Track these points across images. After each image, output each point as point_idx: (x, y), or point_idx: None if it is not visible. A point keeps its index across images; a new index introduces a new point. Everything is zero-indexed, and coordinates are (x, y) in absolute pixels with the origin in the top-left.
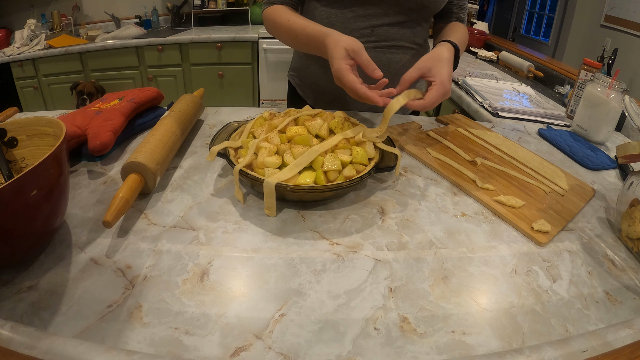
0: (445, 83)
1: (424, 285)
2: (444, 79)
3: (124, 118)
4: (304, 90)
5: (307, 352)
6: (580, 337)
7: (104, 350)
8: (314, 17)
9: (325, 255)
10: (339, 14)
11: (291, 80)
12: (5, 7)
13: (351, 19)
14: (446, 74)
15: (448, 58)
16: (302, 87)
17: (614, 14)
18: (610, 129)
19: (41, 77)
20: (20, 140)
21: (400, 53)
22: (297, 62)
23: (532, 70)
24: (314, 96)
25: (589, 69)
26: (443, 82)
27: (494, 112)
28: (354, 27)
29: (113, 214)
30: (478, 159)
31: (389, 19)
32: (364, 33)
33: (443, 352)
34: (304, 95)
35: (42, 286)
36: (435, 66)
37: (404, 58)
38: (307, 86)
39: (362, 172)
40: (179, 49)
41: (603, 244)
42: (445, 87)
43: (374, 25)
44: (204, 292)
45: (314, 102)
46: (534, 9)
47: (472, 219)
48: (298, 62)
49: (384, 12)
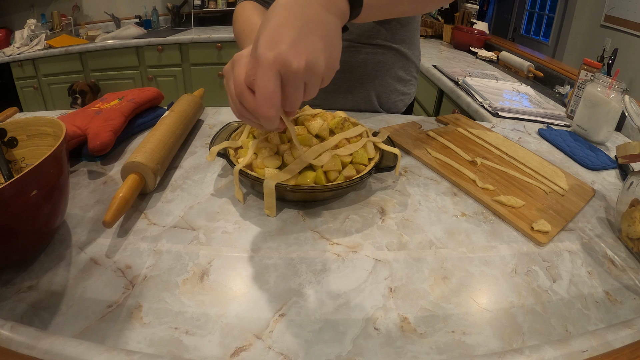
0: (259, 56)
1: (424, 285)
2: (259, 49)
3: (124, 118)
4: None
5: (307, 352)
6: (580, 337)
7: (104, 350)
8: None
9: (325, 255)
10: None
11: None
12: (5, 7)
13: None
14: (263, 37)
15: (279, 2)
16: None
17: (614, 14)
18: (610, 129)
19: (41, 77)
20: (20, 140)
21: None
22: None
23: (532, 70)
24: None
25: (589, 69)
26: (257, 58)
27: (494, 112)
28: None
29: (113, 214)
30: (478, 159)
31: None
32: None
33: (443, 352)
34: None
35: (42, 286)
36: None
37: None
38: None
39: (362, 172)
40: (179, 49)
41: (603, 244)
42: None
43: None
44: (204, 292)
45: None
46: (534, 9)
47: (472, 219)
48: None
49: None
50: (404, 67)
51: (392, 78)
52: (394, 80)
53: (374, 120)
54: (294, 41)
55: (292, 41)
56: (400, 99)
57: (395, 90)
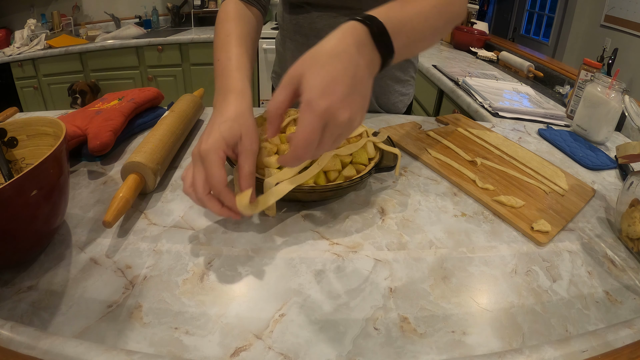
0: (313, 102)
1: (424, 285)
2: (312, 95)
3: (124, 118)
4: None
5: (307, 352)
6: (580, 337)
7: (104, 350)
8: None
9: (325, 255)
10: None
11: (273, 83)
12: (5, 7)
13: (317, 18)
14: (318, 84)
15: (330, 52)
16: None
17: (614, 14)
18: (610, 129)
19: (41, 77)
20: (20, 140)
21: None
22: (278, 64)
23: (532, 70)
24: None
25: (589, 69)
26: (310, 103)
27: (494, 112)
28: (320, 27)
29: (113, 214)
30: (478, 159)
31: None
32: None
33: (443, 352)
34: None
35: (42, 286)
36: (307, 73)
37: None
38: None
39: (362, 172)
40: (179, 49)
41: (603, 244)
42: (314, 109)
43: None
44: (204, 292)
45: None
46: (534, 9)
47: (472, 219)
48: (279, 63)
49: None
50: (401, 68)
51: (390, 79)
52: (392, 81)
53: (374, 120)
54: (345, 97)
55: (343, 97)
56: (399, 100)
57: (394, 91)
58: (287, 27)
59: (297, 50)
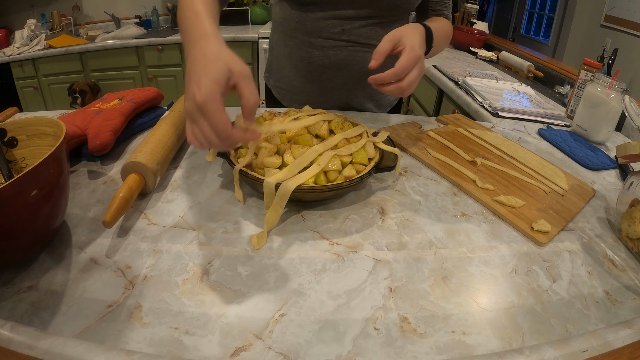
0: (415, 48)
1: (424, 285)
2: (414, 44)
3: (124, 118)
4: (279, 92)
5: (307, 352)
6: (580, 337)
7: (104, 350)
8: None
9: (325, 255)
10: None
11: (267, 83)
12: (5, 7)
13: (321, 18)
14: (417, 41)
15: (419, 31)
16: (277, 89)
17: (614, 14)
18: (610, 129)
19: (41, 77)
20: (20, 140)
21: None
22: (272, 63)
23: (532, 70)
24: (289, 97)
25: (589, 69)
26: (413, 47)
27: (494, 112)
28: (323, 26)
29: (113, 214)
30: (478, 159)
31: (361, 19)
32: (334, 32)
33: (443, 352)
34: (279, 96)
35: (42, 286)
36: (405, 35)
37: None
38: (281, 87)
39: (362, 172)
40: (179, 49)
41: (603, 244)
42: (415, 52)
43: (345, 24)
44: (204, 292)
45: (289, 103)
46: (534, 9)
47: (472, 219)
48: (272, 63)
49: (356, 13)
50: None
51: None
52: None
53: (374, 121)
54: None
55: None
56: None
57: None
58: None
59: (298, 48)
